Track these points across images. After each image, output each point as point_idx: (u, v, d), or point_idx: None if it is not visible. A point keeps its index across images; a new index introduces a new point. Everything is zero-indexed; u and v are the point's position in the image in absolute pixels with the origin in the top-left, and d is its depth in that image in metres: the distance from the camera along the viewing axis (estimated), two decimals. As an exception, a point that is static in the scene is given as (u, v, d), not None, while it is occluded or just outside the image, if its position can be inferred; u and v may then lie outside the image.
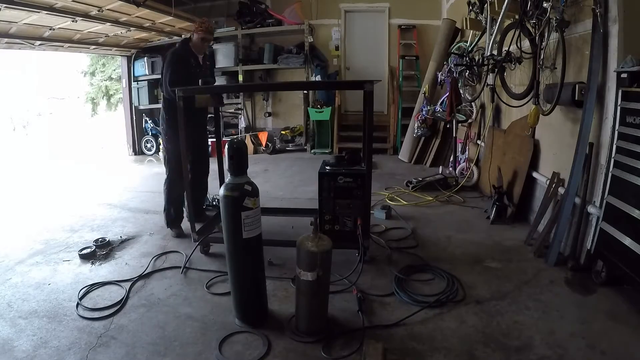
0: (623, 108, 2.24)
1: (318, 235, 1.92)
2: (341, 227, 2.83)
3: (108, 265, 2.84)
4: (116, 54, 7.72)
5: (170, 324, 2.12)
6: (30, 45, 5.36)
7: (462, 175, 4.78)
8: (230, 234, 2.00)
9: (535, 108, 2.96)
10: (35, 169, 6.61)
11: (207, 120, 3.74)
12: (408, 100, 6.80)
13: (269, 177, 5.50)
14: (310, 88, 7.06)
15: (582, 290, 2.33)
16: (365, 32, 7.52)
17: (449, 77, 4.88)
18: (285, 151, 7.42)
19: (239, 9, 7.15)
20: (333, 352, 1.87)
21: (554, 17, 2.67)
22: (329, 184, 2.78)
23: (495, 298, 2.29)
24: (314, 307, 1.99)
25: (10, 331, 2.08)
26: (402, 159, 6.35)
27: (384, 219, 3.61)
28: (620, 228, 2.20)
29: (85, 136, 10.99)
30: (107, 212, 4.08)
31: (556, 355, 1.81)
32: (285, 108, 7.90)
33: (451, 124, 5.15)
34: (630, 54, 2.21)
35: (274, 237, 3.06)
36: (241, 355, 1.88)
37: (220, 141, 3.47)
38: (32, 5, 4.07)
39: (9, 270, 2.78)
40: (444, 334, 1.98)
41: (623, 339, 1.89)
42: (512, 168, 3.68)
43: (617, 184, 2.27)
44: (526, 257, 2.80)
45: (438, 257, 2.84)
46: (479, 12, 4.05)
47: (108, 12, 4.83)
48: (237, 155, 1.99)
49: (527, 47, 3.07)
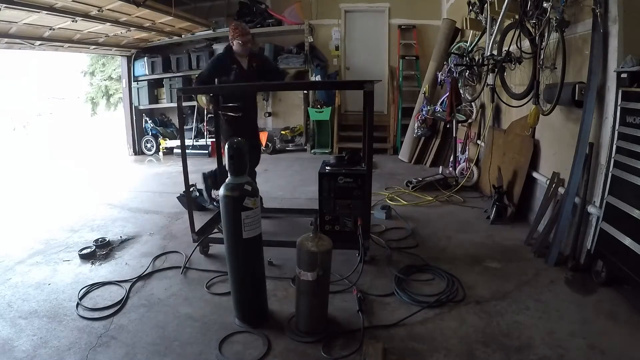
0: (623, 108, 2.24)
1: (318, 235, 1.92)
2: (341, 228, 2.83)
3: (108, 265, 2.84)
4: (116, 54, 7.73)
5: (170, 324, 2.12)
6: (30, 45, 5.36)
7: (462, 175, 4.78)
8: (230, 234, 2.00)
9: (535, 108, 2.95)
10: (35, 169, 6.62)
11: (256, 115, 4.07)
12: (408, 100, 6.80)
13: (269, 177, 5.49)
14: (310, 88, 7.05)
15: (582, 290, 2.33)
16: (365, 32, 7.52)
17: (449, 77, 4.88)
18: (285, 151, 7.42)
19: (239, 9, 7.15)
20: (333, 352, 1.87)
21: (554, 17, 2.66)
22: (329, 184, 2.78)
23: (495, 298, 2.29)
24: (314, 307, 1.99)
25: (10, 331, 2.08)
26: (402, 159, 6.35)
27: (384, 219, 3.61)
28: (620, 228, 2.20)
29: (85, 136, 10.99)
30: (107, 212, 4.08)
31: (556, 355, 1.81)
32: (285, 108, 7.89)
33: (451, 124, 5.15)
34: (630, 54, 2.21)
35: (274, 238, 3.06)
36: (241, 355, 1.87)
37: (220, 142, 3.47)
38: (32, 5, 4.08)
39: (9, 270, 2.78)
40: (444, 334, 1.98)
41: (623, 339, 1.89)
42: (512, 168, 3.68)
43: (617, 184, 2.27)
44: (526, 257, 2.80)
45: (438, 257, 2.84)
46: (479, 12, 4.05)
47: (108, 12, 4.83)
48: (237, 155, 1.99)
49: (527, 47, 3.07)
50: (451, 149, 5.31)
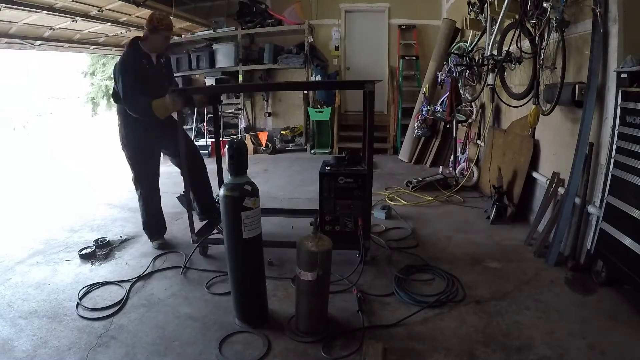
0: (623, 108, 2.24)
1: (318, 235, 1.92)
2: (341, 228, 2.82)
3: (108, 265, 2.84)
4: (116, 54, 7.70)
5: (170, 324, 2.12)
6: (30, 45, 5.35)
7: (462, 175, 4.78)
8: (230, 234, 2.00)
9: (535, 108, 2.95)
10: (35, 169, 6.61)
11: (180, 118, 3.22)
12: (408, 100, 6.80)
13: (269, 177, 5.50)
14: (310, 88, 7.05)
15: (582, 290, 2.33)
16: (365, 32, 7.52)
17: (449, 77, 4.88)
18: (285, 151, 7.42)
19: (239, 9, 7.15)
20: (333, 352, 1.87)
21: (554, 17, 2.66)
22: (330, 185, 2.78)
23: (495, 298, 2.29)
24: (314, 307, 1.99)
25: (10, 331, 2.08)
26: (402, 159, 6.35)
27: (384, 219, 3.61)
28: (620, 228, 2.20)
29: (85, 136, 10.99)
30: (107, 212, 4.08)
31: (556, 355, 1.81)
32: (285, 108, 7.90)
33: (451, 124, 5.15)
34: (630, 54, 2.21)
35: (274, 238, 3.06)
36: (241, 355, 1.87)
37: (219, 141, 3.47)
38: (32, 5, 4.07)
39: (9, 270, 2.78)
40: (444, 334, 1.98)
41: (623, 339, 1.89)
42: (512, 168, 3.68)
43: (617, 184, 2.27)
44: (526, 257, 2.80)
45: (438, 257, 2.84)
46: (479, 12, 4.05)
47: (108, 12, 4.83)
48: (237, 155, 1.99)
49: (527, 47, 3.07)
50: (451, 149, 5.31)
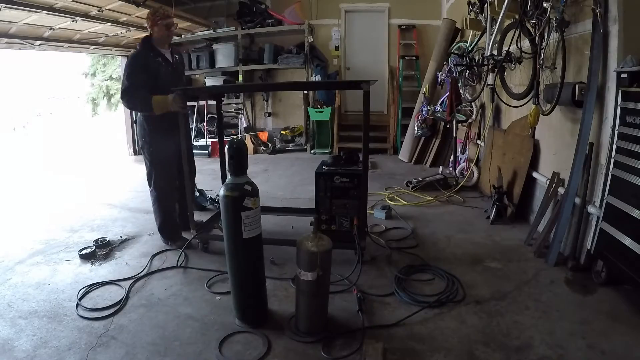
0: (623, 108, 2.24)
1: (318, 235, 1.92)
2: (338, 227, 2.83)
3: (108, 265, 2.84)
4: (116, 54, 7.71)
5: (170, 324, 2.12)
6: (30, 45, 5.35)
7: (462, 175, 4.78)
8: (230, 233, 2.00)
9: (535, 108, 2.95)
10: (35, 169, 6.61)
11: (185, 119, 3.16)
12: (408, 100, 6.81)
13: (269, 177, 5.50)
14: (310, 88, 7.06)
15: (582, 290, 2.33)
16: (365, 32, 7.52)
17: (449, 77, 4.88)
18: (285, 151, 7.42)
19: (239, 9, 7.15)
20: (333, 352, 1.87)
21: (554, 17, 2.66)
22: (326, 184, 2.78)
23: (495, 298, 2.29)
24: (314, 307, 1.99)
25: (10, 331, 2.08)
26: (402, 159, 6.35)
27: (384, 219, 3.61)
28: (620, 228, 2.20)
29: (85, 136, 10.99)
30: (107, 212, 4.08)
31: (556, 355, 1.81)
32: (285, 108, 7.90)
33: (451, 124, 5.15)
34: (630, 54, 2.21)
35: (274, 237, 3.06)
36: (241, 355, 1.87)
37: (223, 141, 3.47)
38: (32, 5, 4.07)
39: (9, 270, 2.78)
40: (444, 334, 1.98)
41: (623, 339, 1.89)
42: (512, 168, 3.68)
43: (617, 184, 2.27)
44: (526, 257, 2.80)
45: (438, 257, 2.84)
46: (479, 12, 4.05)
47: (108, 12, 4.83)
48: (237, 155, 1.99)
49: (527, 47, 3.07)
50: (451, 149, 5.31)
